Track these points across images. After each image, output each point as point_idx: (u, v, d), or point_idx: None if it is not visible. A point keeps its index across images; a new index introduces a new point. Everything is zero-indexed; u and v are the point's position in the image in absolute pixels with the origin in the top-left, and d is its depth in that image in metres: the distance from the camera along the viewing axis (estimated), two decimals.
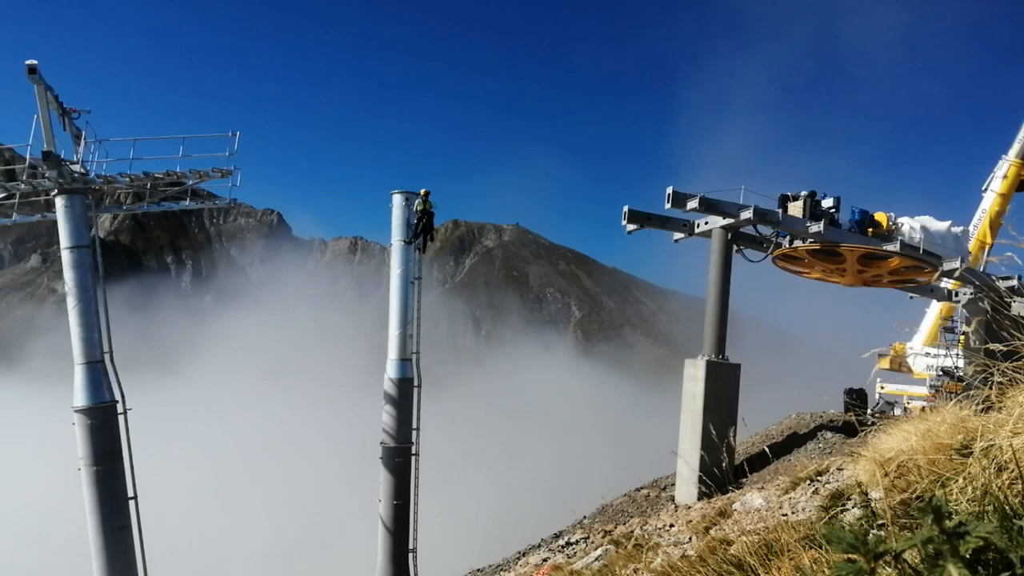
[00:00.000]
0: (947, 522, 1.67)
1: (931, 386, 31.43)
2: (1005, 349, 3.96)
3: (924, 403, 26.26)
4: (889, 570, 1.78)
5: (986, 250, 33.61)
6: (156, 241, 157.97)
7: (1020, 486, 2.62)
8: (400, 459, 20.18)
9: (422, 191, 20.70)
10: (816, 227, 23.76)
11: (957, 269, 25.09)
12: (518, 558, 21.38)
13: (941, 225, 27.16)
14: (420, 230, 20.59)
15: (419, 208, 20.49)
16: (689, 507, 17.45)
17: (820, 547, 3.12)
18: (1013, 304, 20.61)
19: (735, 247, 25.29)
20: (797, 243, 25.66)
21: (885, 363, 35.71)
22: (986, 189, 35.39)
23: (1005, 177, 34.76)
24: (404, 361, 20.39)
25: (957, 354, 30.09)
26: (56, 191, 17.13)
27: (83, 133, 17.43)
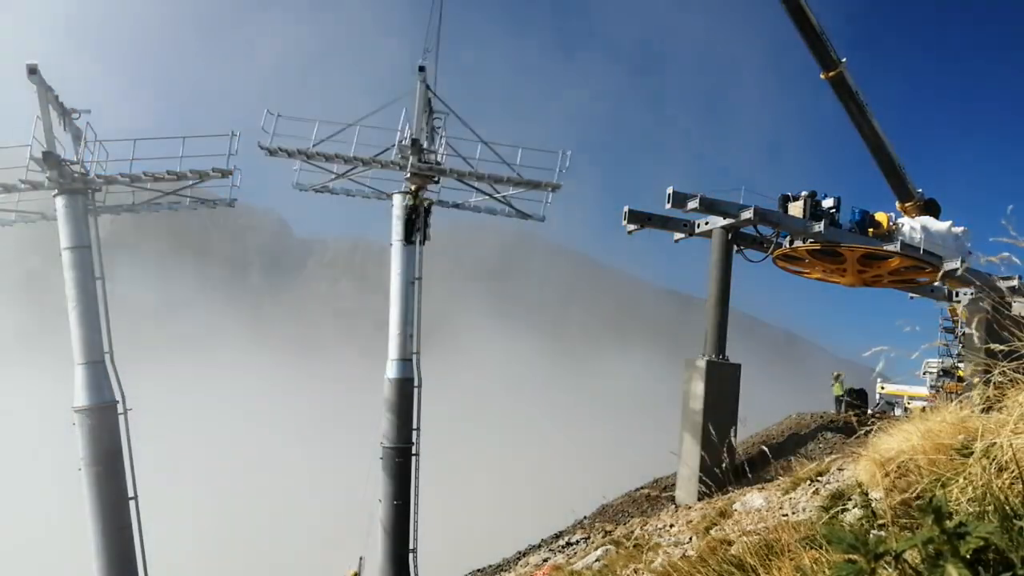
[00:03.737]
0: (947, 522, 1.67)
1: (931, 386, 31.41)
2: (1006, 349, 3.96)
3: (924, 403, 26.24)
4: (889, 570, 1.78)
5: None
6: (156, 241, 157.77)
7: (1021, 486, 2.61)
8: (400, 459, 20.16)
9: (412, 186, 20.33)
10: (817, 227, 23.76)
11: (957, 269, 25.07)
12: (518, 558, 21.35)
13: (941, 225, 27.16)
14: (414, 227, 20.12)
15: (408, 204, 20.19)
16: (689, 507, 17.44)
17: (820, 547, 3.12)
18: (1014, 304, 20.63)
19: (735, 247, 25.26)
20: (797, 243, 25.64)
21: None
22: None
23: None
24: (404, 361, 20.36)
25: (958, 354, 30.04)
26: (56, 191, 17.14)
27: (83, 133, 17.43)
